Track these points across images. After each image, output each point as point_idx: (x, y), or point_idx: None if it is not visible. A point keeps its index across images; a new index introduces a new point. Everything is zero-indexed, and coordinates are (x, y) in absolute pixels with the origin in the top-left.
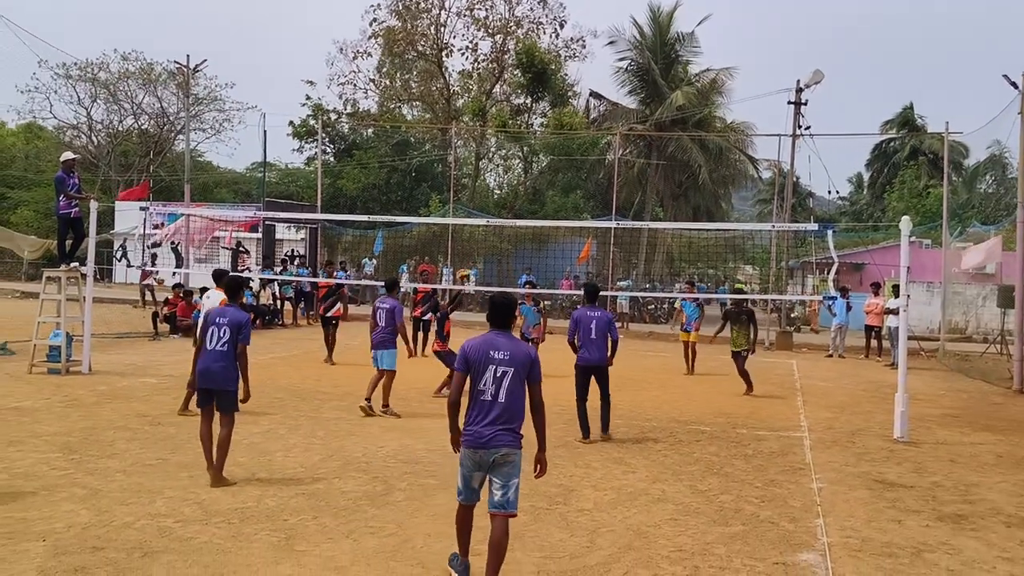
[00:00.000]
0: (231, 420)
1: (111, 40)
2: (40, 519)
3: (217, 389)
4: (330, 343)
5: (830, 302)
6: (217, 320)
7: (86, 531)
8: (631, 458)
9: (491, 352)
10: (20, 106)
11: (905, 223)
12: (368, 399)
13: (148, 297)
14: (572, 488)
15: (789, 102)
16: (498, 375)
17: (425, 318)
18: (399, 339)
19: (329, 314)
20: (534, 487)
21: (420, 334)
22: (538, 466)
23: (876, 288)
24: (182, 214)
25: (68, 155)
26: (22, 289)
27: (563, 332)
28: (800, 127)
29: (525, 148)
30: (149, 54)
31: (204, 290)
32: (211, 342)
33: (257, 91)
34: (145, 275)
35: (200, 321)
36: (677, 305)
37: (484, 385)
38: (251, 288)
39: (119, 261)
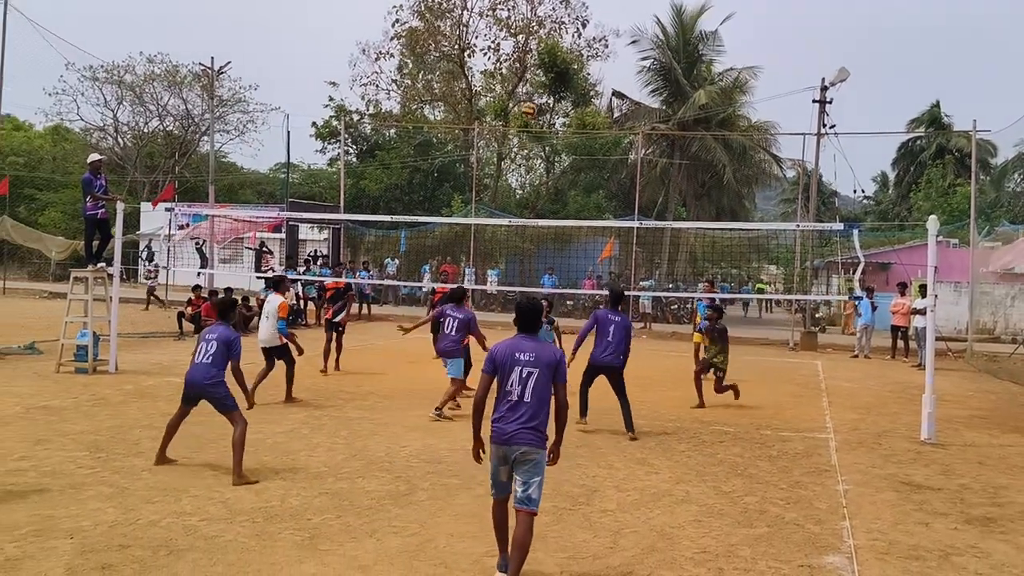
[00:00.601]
0: (238, 420)
1: (110, 42)
2: (67, 517)
3: (202, 394)
4: (336, 349)
5: (856, 302)
6: (207, 336)
7: (112, 529)
8: (654, 459)
9: (516, 354)
10: (48, 108)
11: (932, 222)
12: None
13: (152, 297)
14: (595, 489)
15: (814, 100)
16: (523, 376)
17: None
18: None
19: (337, 319)
20: (557, 487)
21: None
22: (551, 455)
23: (903, 288)
24: (207, 215)
25: (95, 156)
26: (50, 289)
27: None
28: (825, 126)
29: (547, 148)
30: (157, 56)
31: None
32: (198, 356)
33: (260, 93)
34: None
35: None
36: (693, 306)
37: (511, 386)
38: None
39: (145, 262)
